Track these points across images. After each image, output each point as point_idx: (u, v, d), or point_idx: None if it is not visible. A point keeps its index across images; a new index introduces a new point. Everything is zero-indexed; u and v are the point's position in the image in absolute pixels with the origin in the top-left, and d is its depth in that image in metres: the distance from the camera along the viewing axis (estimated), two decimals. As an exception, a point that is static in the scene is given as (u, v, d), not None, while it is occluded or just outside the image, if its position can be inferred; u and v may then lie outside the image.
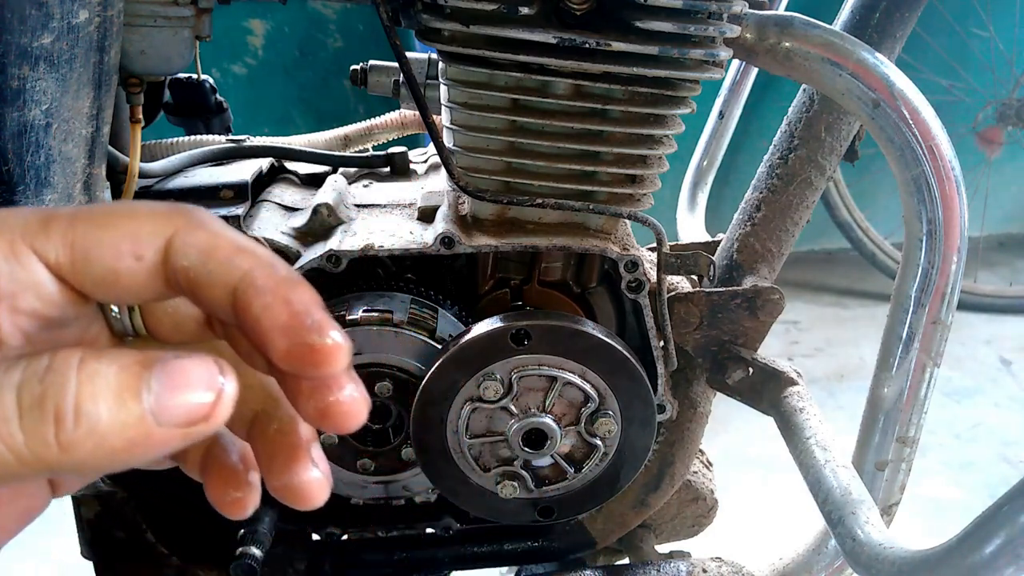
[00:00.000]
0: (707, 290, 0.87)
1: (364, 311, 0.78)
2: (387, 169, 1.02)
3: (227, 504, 0.37)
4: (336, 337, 0.31)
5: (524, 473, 0.81)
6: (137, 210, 0.33)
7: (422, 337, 0.78)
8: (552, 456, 0.81)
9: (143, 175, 0.85)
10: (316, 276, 0.79)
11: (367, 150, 1.13)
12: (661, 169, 0.78)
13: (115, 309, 0.38)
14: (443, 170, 0.85)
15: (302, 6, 2.52)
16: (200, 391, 0.30)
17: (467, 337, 0.76)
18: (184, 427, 0.29)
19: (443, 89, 0.75)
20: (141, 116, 0.77)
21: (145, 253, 0.32)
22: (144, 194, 0.84)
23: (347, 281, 0.82)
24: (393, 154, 1.02)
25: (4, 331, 0.32)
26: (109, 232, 0.32)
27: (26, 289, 0.32)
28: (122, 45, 0.68)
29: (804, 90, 0.91)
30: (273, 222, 0.85)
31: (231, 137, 1.04)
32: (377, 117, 1.12)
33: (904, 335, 0.75)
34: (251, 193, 0.86)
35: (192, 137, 1.02)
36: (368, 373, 0.79)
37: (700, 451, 1.06)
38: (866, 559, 0.67)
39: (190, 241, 0.32)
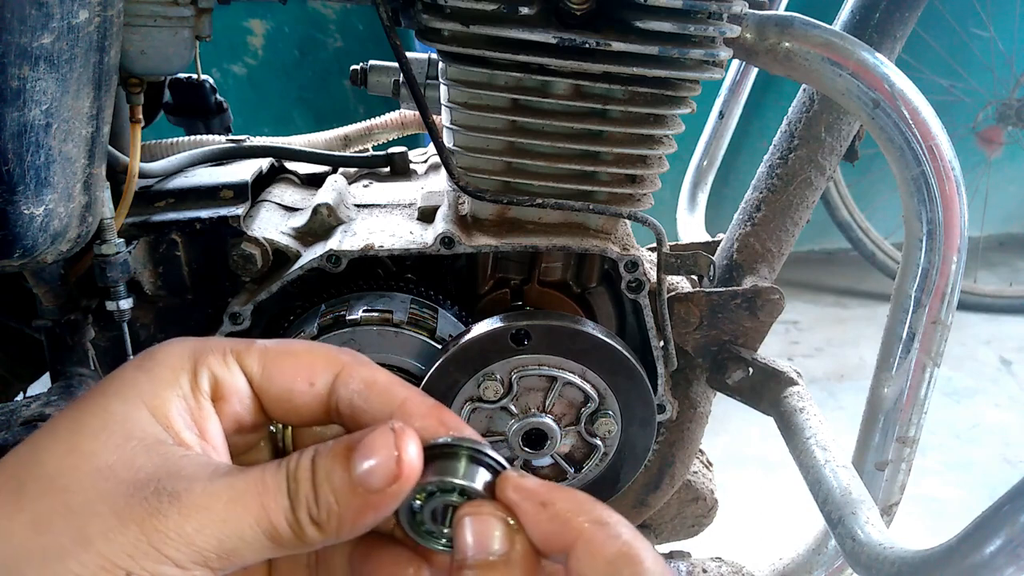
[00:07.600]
0: (707, 290, 0.87)
1: (364, 311, 0.78)
2: (387, 169, 1.02)
3: None
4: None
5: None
6: (316, 347, 0.43)
7: (422, 337, 0.78)
8: (552, 456, 0.81)
9: (143, 175, 0.85)
10: (316, 276, 0.79)
11: (367, 150, 1.13)
12: (661, 169, 0.78)
13: (274, 429, 0.46)
14: (443, 170, 0.85)
15: (302, 6, 2.52)
16: (384, 453, 0.36)
17: (467, 337, 0.76)
18: (384, 486, 0.36)
19: (443, 89, 0.75)
20: (141, 116, 0.77)
21: (317, 382, 0.41)
22: (144, 194, 0.84)
23: (347, 281, 0.82)
24: (393, 154, 1.02)
25: (215, 430, 0.40)
26: (291, 360, 0.41)
27: (234, 393, 0.41)
28: (122, 45, 0.68)
29: (804, 90, 0.91)
30: (273, 222, 0.85)
31: (231, 137, 1.04)
32: (377, 117, 1.12)
33: (904, 335, 0.75)
34: (251, 193, 0.86)
35: (192, 137, 1.02)
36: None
37: (700, 451, 1.06)
38: (866, 559, 0.67)
39: (355, 375, 0.41)
